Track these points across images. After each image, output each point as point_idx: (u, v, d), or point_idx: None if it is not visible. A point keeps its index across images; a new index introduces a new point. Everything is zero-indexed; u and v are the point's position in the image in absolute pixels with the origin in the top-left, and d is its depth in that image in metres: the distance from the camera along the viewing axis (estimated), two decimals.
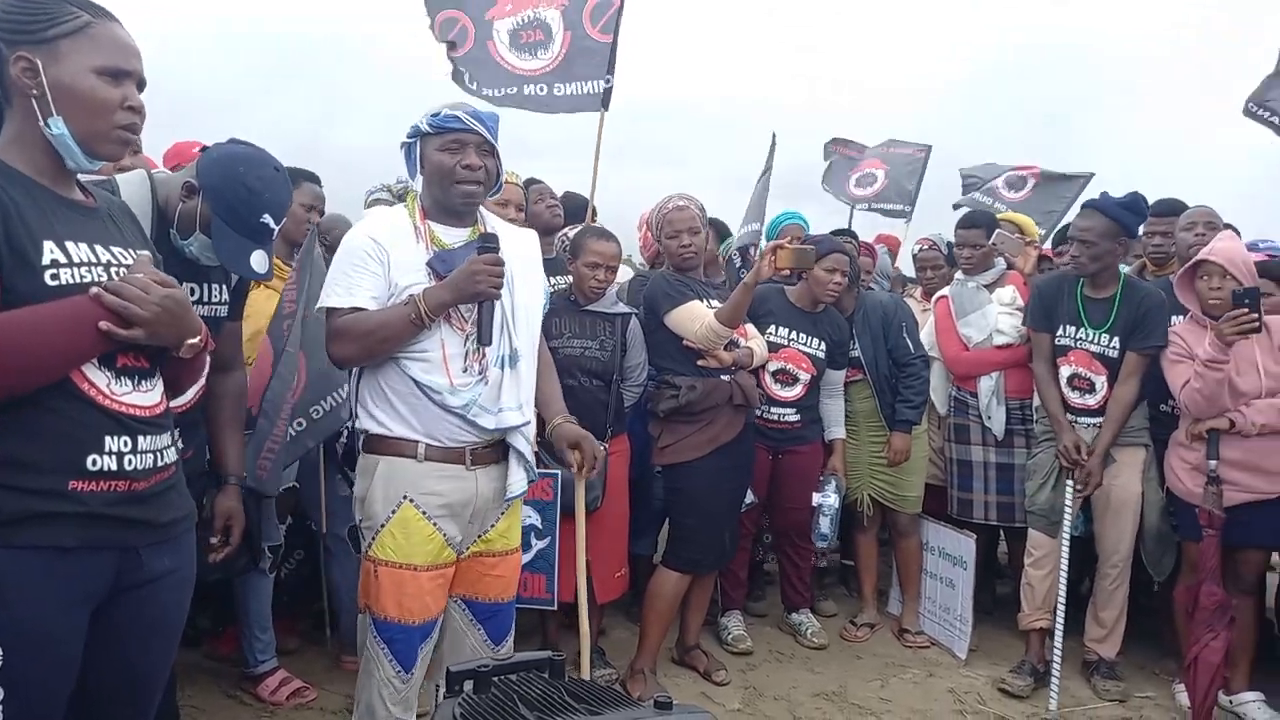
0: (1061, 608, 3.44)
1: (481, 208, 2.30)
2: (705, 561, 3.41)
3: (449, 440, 2.15)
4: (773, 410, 3.73)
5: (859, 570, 4.22)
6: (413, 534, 2.13)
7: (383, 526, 2.14)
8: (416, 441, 2.13)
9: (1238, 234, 3.54)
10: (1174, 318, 3.40)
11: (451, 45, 4.42)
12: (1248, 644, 3.30)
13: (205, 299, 2.23)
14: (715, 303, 3.26)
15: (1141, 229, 3.76)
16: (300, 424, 2.86)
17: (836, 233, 5.35)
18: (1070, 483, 3.42)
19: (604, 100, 4.31)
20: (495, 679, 1.27)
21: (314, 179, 3.36)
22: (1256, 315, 2.92)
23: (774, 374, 3.72)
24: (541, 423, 2.42)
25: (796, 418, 3.76)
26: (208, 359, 1.77)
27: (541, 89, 4.39)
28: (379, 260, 2.12)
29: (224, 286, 2.29)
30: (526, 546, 3.07)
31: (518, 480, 2.24)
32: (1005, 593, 4.39)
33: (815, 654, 3.84)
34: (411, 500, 2.13)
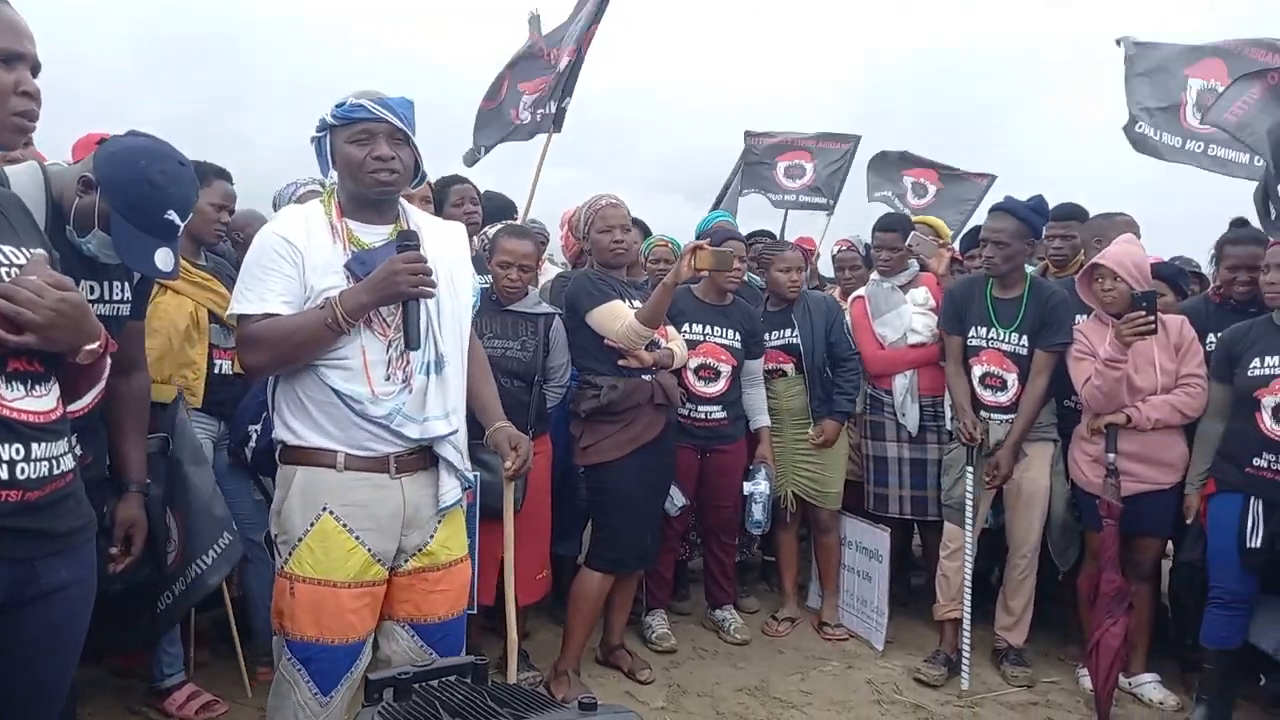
0: (968, 596, 3.57)
1: (404, 202, 2.19)
2: (628, 561, 3.41)
3: (371, 449, 2.03)
4: (699, 409, 3.75)
5: (780, 566, 4.29)
6: (332, 548, 2.00)
7: (300, 540, 2.01)
8: (336, 451, 2.01)
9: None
10: (1078, 317, 3.56)
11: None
12: (1145, 628, 3.48)
13: (106, 297, 2.12)
14: (637, 302, 3.26)
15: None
16: (181, 585, 2.67)
17: (755, 233, 5.45)
18: (970, 471, 3.54)
19: (557, 121, 4.27)
20: (416, 686, 1.24)
21: (224, 175, 3.21)
22: (1153, 318, 3.09)
23: (695, 371, 3.74)
24: (476, 427, 2.32)
25: (723, 414, 3.79)
26: (108, 362, 1.68)
27: (525, 117, 4.50)
28: (292, 261, 1.99)
29: (126, 284, 2.17)
30: None
31: (450, 489, 2.13)
32: (919, 584, 4.51)
33: (738, 650, 3.88)
34: (331, 512, 2.00)
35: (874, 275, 4.17)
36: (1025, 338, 3.54)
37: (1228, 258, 3.49)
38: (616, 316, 3.19)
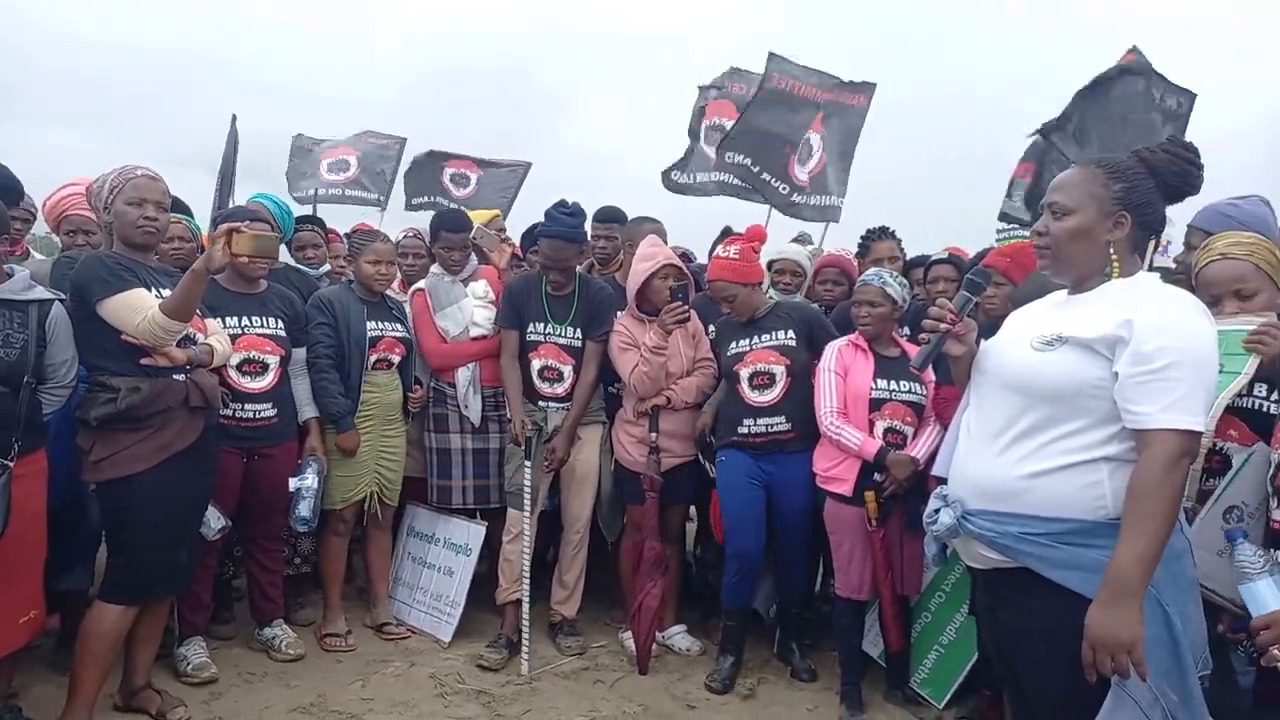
0: (526, 578, 3.72)
1: None
2: (158, 588, 2.97)
3: None
4: (246, 407, 3.41)
5: (327, 578, 3.96)
6: None
7: None
8: None
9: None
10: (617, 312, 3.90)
11: None
12: (675, 586, 3.95)
13: None
14: (166, 291, 2.82)
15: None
16: None
17: (303, 219, 5.09)
18: (528, 465, 3.69)
19: None
20: None
21: None
22: (688, 306, 3.57)
23: (238, 367, 3.39)
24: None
25: (273, 412, 3.48)
26: None
27: None
28: None
29: None
30: None
31: None
32: (480, 571, 4.59)
33: (291, 667, 3.59)
34: None
35: (434, 268, 4.14)
36: (579, 331, 3.81)
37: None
38: (137, 308, 2.71)
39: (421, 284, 4.12)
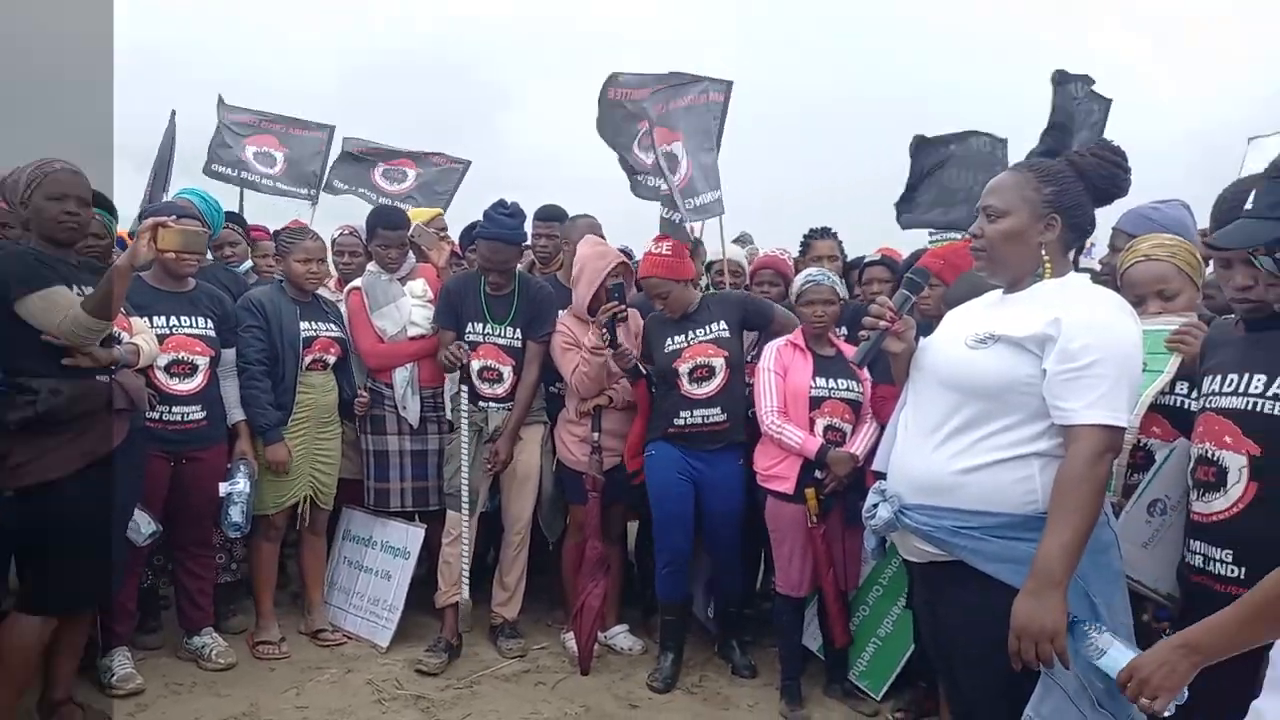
0: (465, 580, 3.69)
1: None
2: (81, 599, 2.86)
3: None
4: (174, 409, 3.31)
5: (258, 584, 3.86)
6: None
7: None
8: None
9: None
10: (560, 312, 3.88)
11: None
12: (618, 586, 3.95)
13: None
14: (89, 289, 2.72)
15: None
16: None
17: (227, 214, 4.95)
18: (465, 449, 3.66)
19: None
20: None
21: None
22: (624, 305, 3.56)
23: (166, 368, 3.30)
24: None
25: (202, 415, 3.40)
26: None
27: None
28: None
29: None
30: None
31: None
32: (420, 574, 4.52)
33: (222, 676, 3.49)
34: None
35: (370, 267, 4.07)
36: (519, 331, 3.79)
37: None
38: (58, 307, 2.62)
39: (358, 282, 4.05)
